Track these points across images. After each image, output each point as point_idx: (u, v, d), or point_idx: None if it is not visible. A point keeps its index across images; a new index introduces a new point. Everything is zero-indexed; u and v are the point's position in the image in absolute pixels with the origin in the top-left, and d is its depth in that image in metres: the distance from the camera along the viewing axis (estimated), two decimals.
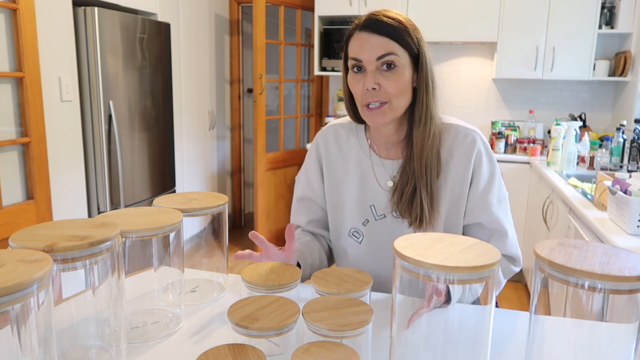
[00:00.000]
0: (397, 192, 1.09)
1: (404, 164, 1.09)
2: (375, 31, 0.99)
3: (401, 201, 1.08)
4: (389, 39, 0.99)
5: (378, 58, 0.99)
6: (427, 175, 1.06)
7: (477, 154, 1.08)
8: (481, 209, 1.10)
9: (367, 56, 0.99)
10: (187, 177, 3.73)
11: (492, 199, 1.09)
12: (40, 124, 2.26)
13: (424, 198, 1.05)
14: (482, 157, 1.09)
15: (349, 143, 1.17)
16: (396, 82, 1.00)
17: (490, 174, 1.10)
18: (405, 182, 1.08)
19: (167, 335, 0.87)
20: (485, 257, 0.64)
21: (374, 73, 1.00)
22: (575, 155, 2.93)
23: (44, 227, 0.73)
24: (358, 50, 1.01)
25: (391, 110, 1.02)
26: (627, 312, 0.64)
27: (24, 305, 0.55)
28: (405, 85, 1.02)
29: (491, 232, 1.11)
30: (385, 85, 1.00)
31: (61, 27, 2.42)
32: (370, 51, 0.99)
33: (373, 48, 0.99)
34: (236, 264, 3.72)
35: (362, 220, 1.16)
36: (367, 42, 0.99)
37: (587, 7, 3.27)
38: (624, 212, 1.71)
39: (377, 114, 1.02)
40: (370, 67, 1.00)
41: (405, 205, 1.08)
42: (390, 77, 1.00)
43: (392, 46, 0.99)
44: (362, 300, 0.83)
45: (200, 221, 3.43)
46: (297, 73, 4.08)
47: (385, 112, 1.02)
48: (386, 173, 1.13)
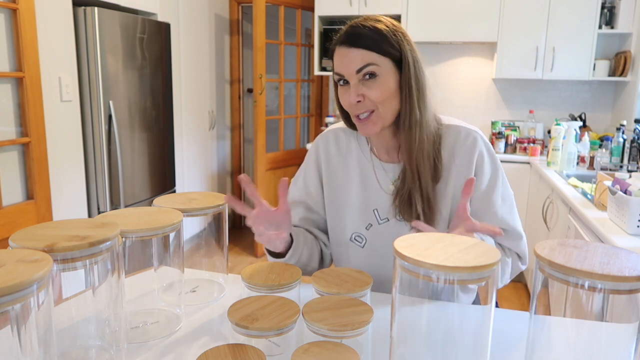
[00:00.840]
0: (397, 196, 1.09)
1: (404, 168, 1.09)
2: (352, 44, 1.00)
3: (400, 205, 1.08)
4: (365, 50, 0.99)
5: (358, 71, 0.99)
6: (419, 179, 1.05)
7: (478, 154, 1.08)
8: (485, 208, 1.09)
9: (347, 70, 1.00)
10: (187, 177, 3.73)
11: (496, 199, 1.09)
12: (40, 124, 2.26)
13: (417, 202, 1.05)
14: (484, 157, 1.09)
15: (350, 147, 1.17)
16: (379, 90, 1.00)
17: (493, 174, 1.10)
18: (402, 186, 1.08)
19: (167, 335, 0.87)
20: (485, 257, 0.64)
21: (357, 85, 1.00)
22: (575, 155, 2.93)
23: (44, 227, 0.73)
24: (339, 66, 1.02)
25: (380, 119, 1.03)
26: (627, 312, 0.64)
27: (24, 305, 0.55)
28: (390, 91, 1.01)
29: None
30: (368, 94, 1.00)
31: (61, 27, 2.42)
32: (349, 65, 1.00)
33: (351, 62, 1.00)
34: (236, 263, 3.72)
35: (365, 225, 1.15)
36: (346, 56, 1.00)
37: (587, 7, 3.27)
38: (624, 212, 1.71)
39: (367, 124, 1.03)
40: (353, 81, 1.01)
41: (404, 208, 1.08)
42: (372, 86, 1.00)
43: (370, 57, 0.99)
44: (362, 300, 0.83)
45: (200, 221, 3.43)
46: (297, 73, 4.08)
47: (375, 121, 1.02)
48: (387, 177, 1.13)
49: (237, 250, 4.02)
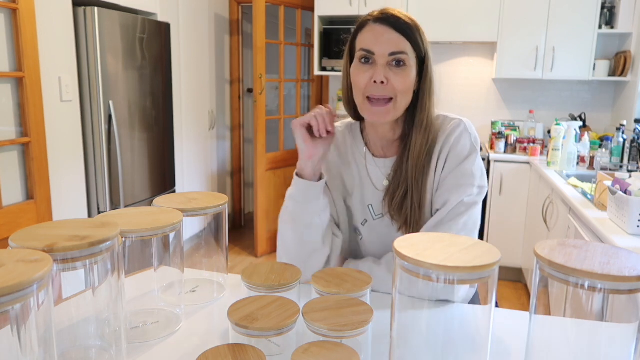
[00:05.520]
0: (389, 194, 1.08)
1: (398, 165, 1.08)
2: (391, 26, 0.99)
3: (392, 204, 1.07)
4: (403, 37, 0.99)
5: (391, 54, 0.98)
6: (421, 178, 1.05)
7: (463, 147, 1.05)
8: (442, 191, 1.04)
9: (381, 49, 0.98)
10: (187, 177, 3.73)
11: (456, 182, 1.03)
12: (40, 124, 2.26)
13: (414, 201, 1.05)
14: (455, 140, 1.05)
15: (346, 143, 1.17)
16: (404, 79, 0.99)
17: (465, 156, 1.05)
18: (397, 185, 1.07)
19: (167, 335, 0.87)
20: (485, 257, 0.64)
21: (384, 67, 0.99)
22: (575, 155, 2.93)
23: (44, 227, 0.73)
24: (372, 42, 0.99)
25: (394, 109, 1.02)
26: (627, 312, 0.64)
27: (24, 305, 0.55)
28: (410, 84, 1.01)
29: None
30: (393, 80, 0.99)
31: (61, 27, 2.42)
32: (384, 45, 0.98)
33: (388, 42, 0.98)
34: (236, 263, 3.72)
35: (360, 220, 1.15)
36: (383, 35, 0.99)
37: (587, 7, 3.27)
38: (624, 212, 1.71)
39: (381, 111, 1.01)
40: (381, 61, 0.99)
41: (395, 208, 1.07)
42: (399, 73, 0.99)
43: (405, 45, 0.99)
44: (362, 300, 0.83)
45: (200, 221, 3.43)
46: (297, 73, 4.07)
47: (389, 110, 1.01)
48: (380, 173, 1.12)
49: (237, 250, 4.02)
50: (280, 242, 1.12)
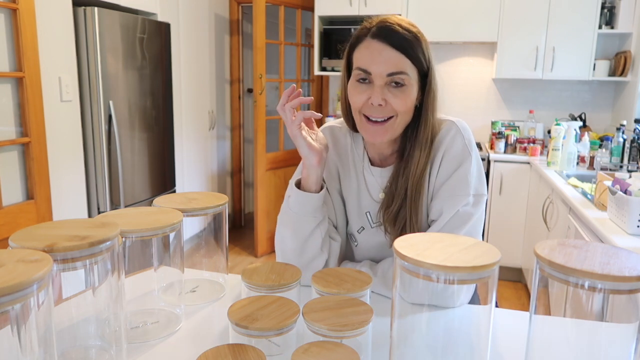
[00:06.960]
0: (384, 207, 1.05)
1: (394, 178, 1.04)
2: (388, 42, 0.92)
3: (385, 218, 1.04)
4: (402, 55, 0.92)
5: (389, 74, 0.92)
6: (417, 194, 1.00)
7: (457, 152, 1.01)
8: (438, 200, 1.01)
9: (378, 70, 0.92)
10: (187, 177, 3.73)
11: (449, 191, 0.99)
12: (40, 124, 2.26)
13: (409, 216, 1.01)
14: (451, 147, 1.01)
15: (346, 146, 1.14)
16: (404, 100, 0.94)
17: (459, 162, 1.00)
18: (391, 199, 1.03)
19: (167, 335, 0.87)
20: (485, 257, 0.64)
21: (382, 88, 0.93)
22: (575, 155, 2.93)
23: (44, 227, 0.73)
24: (368, 62, 0.93)
25: (393, 129, 0.97)
26: (627, 312, 0.64)
27: (24, 305, 0.55)
28: (411, 104, 0.97)
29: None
30: (392, 102, 0.94)
31: (61, 27, 2.42)
32: (381, 65, 0.92)
33: (386, 62, 0.92)
34: (236, 263, 3.72)
35: (357, 228, 1.13)
36: (380, 54, 0.92)
37: (587, 7, 3.27)
38: (624, 212, 1.71)
39: (379, 130, 0.97)
40: (379, 82, 0.93)
41: (389, 221, 1.04)
42: (398, 94, 0.94)
43: (404, 64, 0.93)
44: (362, 300, 0.83)
45: (200, 221, 3.43)
46: (297, 73, 4.07)
47: (387, 129, 0.97)
48: (377, 183, 1.09)
49: (237, 250, 4.02)
50: (278, 247, 1.09)
